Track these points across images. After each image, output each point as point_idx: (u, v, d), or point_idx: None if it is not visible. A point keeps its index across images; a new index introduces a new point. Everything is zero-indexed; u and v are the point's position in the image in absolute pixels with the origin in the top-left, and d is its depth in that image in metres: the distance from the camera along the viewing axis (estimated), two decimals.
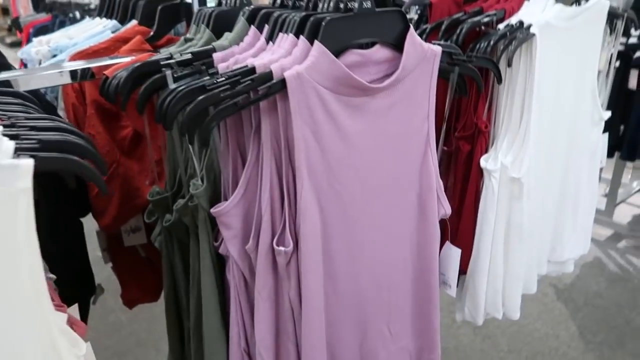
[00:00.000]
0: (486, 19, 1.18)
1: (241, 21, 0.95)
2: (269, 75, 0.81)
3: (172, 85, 0.85)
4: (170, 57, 0.92)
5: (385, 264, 1.00)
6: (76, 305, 0.84)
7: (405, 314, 1.07)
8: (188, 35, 1.09)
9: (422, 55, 0.90)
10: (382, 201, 0.95)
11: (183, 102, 0.80)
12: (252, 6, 0.97)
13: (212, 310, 0.99)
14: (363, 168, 0.91)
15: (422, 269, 1.04)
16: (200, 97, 0.79)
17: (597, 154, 1.44)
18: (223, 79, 0.81)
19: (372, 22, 0.85)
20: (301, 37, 0.82)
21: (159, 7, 1.29)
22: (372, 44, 0.87)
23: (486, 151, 1.29)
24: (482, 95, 1.28)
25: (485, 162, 1.27)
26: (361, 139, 0.89)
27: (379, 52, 0.87)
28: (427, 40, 1.27)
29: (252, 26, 0.93)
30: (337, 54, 0.83)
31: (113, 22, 1.48)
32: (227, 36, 0.96)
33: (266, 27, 0.91)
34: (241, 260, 0.94)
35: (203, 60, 0.91)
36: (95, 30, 1.46)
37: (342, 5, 0.83)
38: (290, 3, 0.95)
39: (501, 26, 1.18)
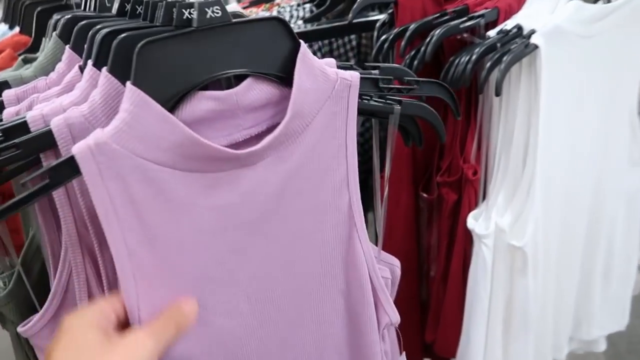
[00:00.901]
0: (469, 23, 0.81)
1: (53, 38, 0.61)
2: (47, 138, 0.47)
3: None
4: None
5: None
6: None
7: None
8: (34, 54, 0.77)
9: (329, 88, 0.54)
10: (287, 314, 0.60)
11: None
12: (73, 12, 0.63)
13: None
14: (245, 271, 0.56)
15: None
16: None
17: (637, 202, 1.05)
18: None
19: (230, 42, 0.50)
20: (103, 70, 0.48)
21: (36, 11, 0.96)
22: (242, 79, 0.52)
23: (476, 205, 0.93)
24: (470, 128, 0.92)
25: (474, 221, 0.91)
26: (239, 229, 0.54)
27: (253, 91, 0.52)
28: (391, 52, 0.92)
29: (67, 46, 0.59)
30: (175, 101, 0.49)
31: (2, 30, 1.16)
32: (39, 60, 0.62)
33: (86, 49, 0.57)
34: None
35: None
36: None
37: (176, 15, 0.48)
38: (128, 8, 0.60)
39: (492, 33, 0.82)
